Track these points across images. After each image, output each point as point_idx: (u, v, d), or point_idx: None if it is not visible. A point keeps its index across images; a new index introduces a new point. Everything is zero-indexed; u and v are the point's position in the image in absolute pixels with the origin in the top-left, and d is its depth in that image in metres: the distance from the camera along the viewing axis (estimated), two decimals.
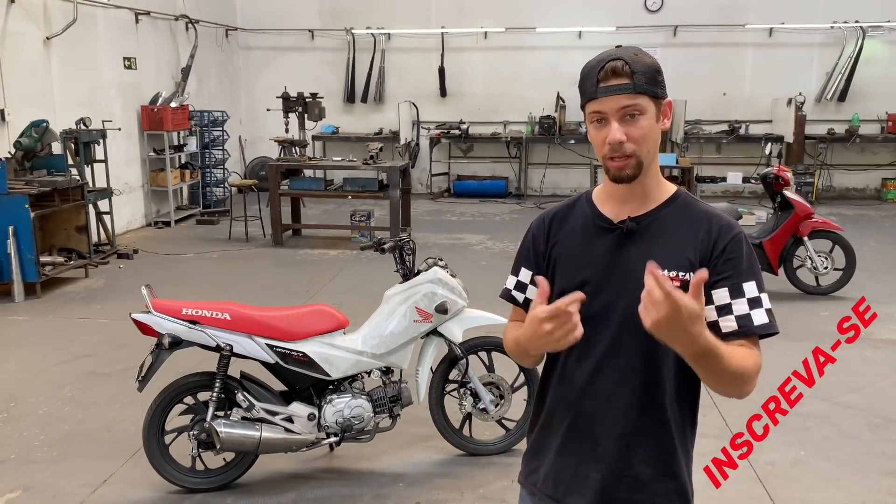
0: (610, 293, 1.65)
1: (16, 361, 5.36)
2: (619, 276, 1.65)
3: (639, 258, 1.59)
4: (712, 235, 1.64)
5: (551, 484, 1.77)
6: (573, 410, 1.72)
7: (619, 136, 1.58)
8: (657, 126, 1.64)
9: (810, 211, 6.78)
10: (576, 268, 1.71)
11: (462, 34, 12.91)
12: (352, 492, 3.63)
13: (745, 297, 1.61)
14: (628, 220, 1.67)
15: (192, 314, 3.48)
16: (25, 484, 3.69)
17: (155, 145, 10.54)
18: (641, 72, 1.58)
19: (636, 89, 1.57)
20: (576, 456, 1.72)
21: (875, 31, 12.11)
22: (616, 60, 1.57)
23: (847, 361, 5.26)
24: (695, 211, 1.69)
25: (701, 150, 12.58)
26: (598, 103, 1.59)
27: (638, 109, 1.58)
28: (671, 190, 1.72)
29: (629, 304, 1.58)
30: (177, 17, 11.25)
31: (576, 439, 1.72)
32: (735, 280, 1.61)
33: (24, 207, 6.70)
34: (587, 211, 1.75)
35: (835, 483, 3.70)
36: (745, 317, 1.60)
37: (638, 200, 1.69)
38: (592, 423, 1.69)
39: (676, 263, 1.62)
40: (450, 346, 3.83)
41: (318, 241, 9.51)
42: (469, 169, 13.49)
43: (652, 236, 1.66)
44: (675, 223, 1.67)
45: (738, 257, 1.62)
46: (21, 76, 7.99)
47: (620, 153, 1.60)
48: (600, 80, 1.58)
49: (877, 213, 11.33)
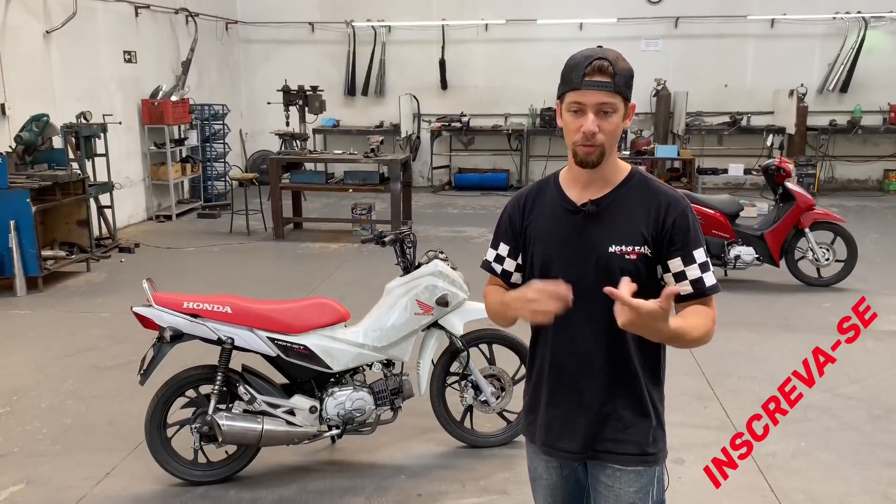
0: (577, 267, 1.90)
1: (18, 355, 5.37)
2: (583, 252, 1.90)
3: (598, 237, 1.89)
4: (661, 211, 1.88)
5: (544, 432, 2.03)
6: (558, 368, 1.98)
7: (593, 127, 1.80)
8: (622, 124, 1.86)
9: (812, 202, 6.77)
10: (547, 245, 1.96)
11: (463, 26, 12.88)
12: (353, 484, 3.64)
13: (696, 263, 1.88)
14: (589, 204, 1.91)
15: (193, 307, 3.48)
16: (28, 477, 3.70)
17: (156, 139, 10.53)
18: (621, 74, 1.80)
19: (615, 89, 1.79)
20: (564, 406, 1.98)
21: (877, 22, 12.06)
22: (602, 60, 1.78)
23: (848, 353, 5.26)
24: (647, 190, 1.92)
25: (702, 142, 12.56)
26: (579, 94, 1.80)
27: (612, 107, 1.81)
28: (626, 171, 1.95)
29: (594, 276, 1.87)
30: (176, 10, 11.23)
31: (563, 392, 1.98)
32: (686, 249, 1.88)
33: (26, 202, 6.70)
34: (555, 194, 1.98)
35: (835, 474, 3.71)
36: (698, 280, 1.88)
37: (599, 184, 1.92)
38: (576, 377, 1.95)
39: (632, 239, 1.87)
40: (451, 339, 3.83)
41: (320, 235, 9.51)
42: (470, 162, 13.47)
43: (610, 217, 1.90)
44: (629, 202, 1.90)
45: (686, 228, 1.87)
46: (21, 70, 7.98)
47: (591, 142, 1.82)
48: (585, 75, 1.79)
49: (878, 205, 11.31)
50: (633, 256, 1.87)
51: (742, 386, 4.73)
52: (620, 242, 1.87)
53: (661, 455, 1.99)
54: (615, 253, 1.87)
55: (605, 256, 1.87)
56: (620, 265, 1.87)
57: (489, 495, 3.54)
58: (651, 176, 1.99)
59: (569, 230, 1.93)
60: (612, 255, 1.87)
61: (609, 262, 1.87)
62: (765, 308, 6.30)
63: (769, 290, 6.83)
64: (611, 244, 1.87)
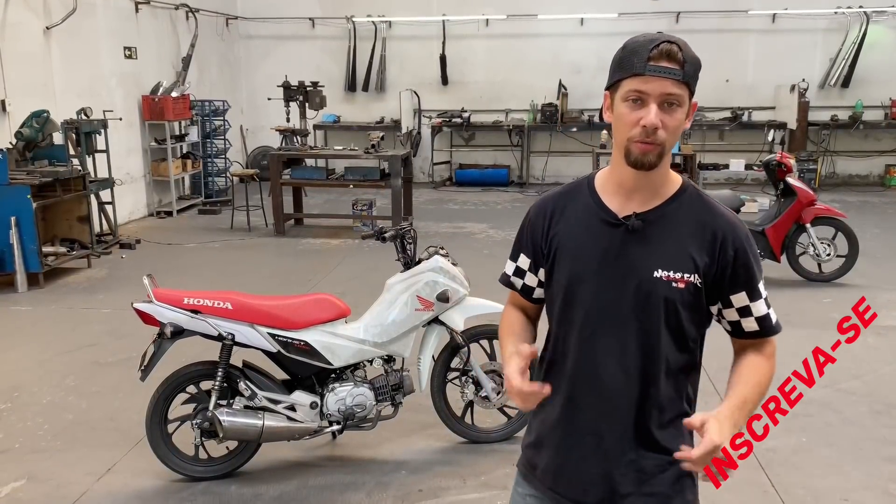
0: (612, 291, 1.63)
1: (19, 351, 5.38)
2: (621, 274, 1.62)
3: (641, 258, 1.61)
4: (718, 238, 1.62)
5: (551, 478, 1.75)
6: (576, 406, 1.70)
7: (656, 120, 1.52)
8: (684, 122, 1.59)
9: (813, 198, 6.76)
10: (576, 261, 1.67)
11: (463, 22, 12.85)
12: (354, 479, 3.65)
13: (762, 298, 1.68)
14: (633, 217, 1.62)
15: (193, 304, 3.48)
16: (30, 473, 3.71)
17: (156, 135, 10.52)
18: (691, 63, 1.54)
19: (685, 77, 1.53)
20: (579, 451, 1.70)
21: (879, 17, 12.03)
22: (672, 44, 1.53)
23: (849, 348, 5.25)
24: (701, 208, 1.65)
25: (703, 138, 12.54)
26: (642, 81, 1.52)
27: (678, 100, 1.54)
28: (678, 183, 1.68)
29: (632, 304, 1.61)
30: (177, 6, 11.21)
31: (579, 435, 1.70)
32: (752, 283, 1.66)
33: (26, 198, 6.70)
34: (590, 201, 1.70)
35: (836, 469, 3.71)
36: (764, 318, 1.68)
37: (645, 194, 1.64)
38: (597, 419, 1.67)
39: (682, 265, 1.60)
40: (451, 335, 3.83)
41: (320, 231, 9.51)
42: (471, 157, 13.46)
43: (656, 235, 1.62)
44: (680, 221, 1.63)
45: (750, 261, 1.64)
46: (21, 66, 7.97)
47: (651, 139, 1.54)
48: (651, 59, 1.51)
49: (880, 200, 11.29)
50: (682, 285, 1.59)
51: None
52: (668, 267, 1.59)
53: None
54: (660, 279, 1.60)
55: (649, 282, 1.60)
56: (666, 294, 1.60)
57: (490, 490, 3.54)
58: (705, 193, 1.72)
59: (605, 246, 1.64)
60: (657, 280, 1.60)
61: (652, 290, 1.60)
62: None
63: (770, 286, 6.68)
64: (656, 268, 1.60)
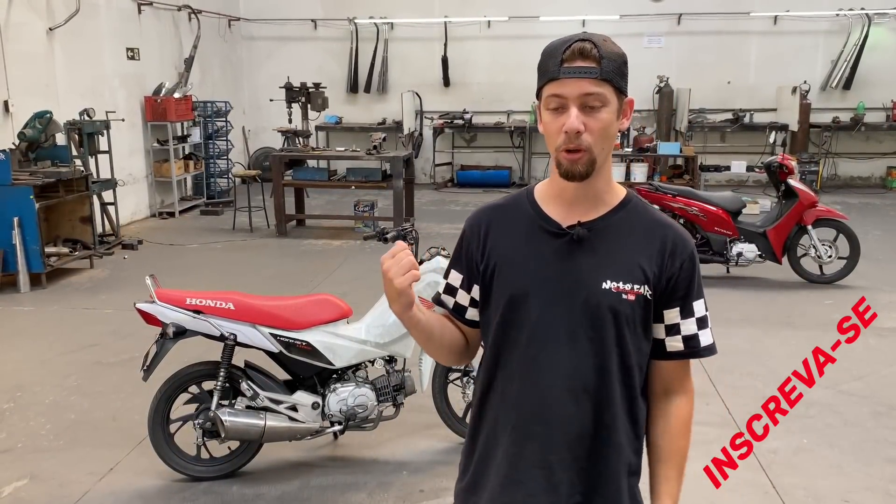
0: (559, 305, 1.51)
1: (22, 351, 5.39)
2: (567, 287, 1.51)
3: (589, 269, 1.51)
4: (667, 248, 1.53)
5: None
6: (520, 436, 1.53)
7: (577, 124, 1.43)
8: (616, 123, 1.49)
9: (814, 199, 6.77)
10: (519, 274, 1.55)
11: (465, 23, 12.86)
12: (356, 480, 3.65)
13: (694, 317, 1.56)
14: (578, 226, 1.52)
15: (196, 304, 3.49)
16: (32, 472, 3.72)
17: (158, 136, 10.54)
18: (609, 59, 1.43)
19: (602, 75, 1.42)
20: (526, 487, 1.54)
21: (881, 19, 12.04)
22: (584, 42, 1.43)
23: (851, 349, 5.25)
24: (648, 218, 1.57)
25: (705, 139, 12.54)
26: (558, 85, 1.45)
27: (601, 100, 1.43)
28: (622, 194, 1.58)
29: (579, 318, 1.50)
30: (179, 7, 11.23)
31: (524, 468, 1.54)
32: (687, 300, 1.55)
33: (29, 198, 6.71)
34: (530, 211, 1.59)
35: (838, 470, 3.71)
36: (692, 338, 1.56)
37: (587, 203, 1.54)
38: (545, 449, 1.52)
39: (631, 276, 1.51)
40: None
41: (322, 232, 9.52)
42: (472, 159, 13.47)
43: (603, 245, 1.52)
44: (626, 231, 1.54)
45: (692, 275, 1.54)
46: (24, 67, 7.99)
47: (576, 144, 1.44)
48: (564, 61, 1.44)
49: (881, 202, 11.29)
50: (632, 297, 1.50)
51: (744, 383, 4.73)
52: (617, 278, 1.49)
53: None
54: (610, 290, 1.49)
55: (598, 294, 1.49)
56: (616, 307, 1.49)
57: None
58: (650, 205, 1.63)
59: (549, 258, 1.53)
60: (606, 292, 1.49)
61: (601, 302, 1.49)
62: (767, 305, 6.30)
63: (771, 288, 6.83)
64: (605, 279, 1.50)
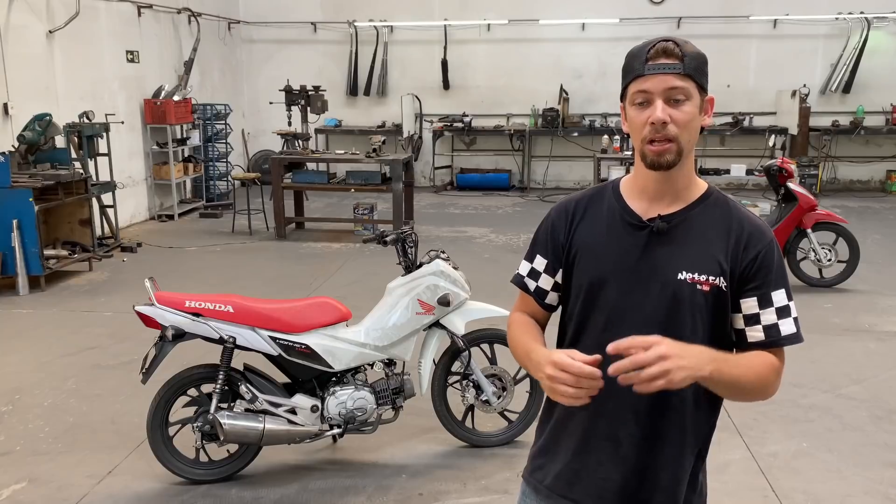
0: (636, 294, 1.61)
1: (20, 354, 5.38)
2: (644, 276, 1.61)
3: (666, 260, 1.59)
4: (742, 241, 1.59)
5: (565, 483, 1.71)
6: (594, 411, 1.62)
7: (663, 115, 1.52)
8: (699, 118, 1.58)
9: (814, 203, 6.77)
10: (599, 263, 1.65)
11: (465, 26, 12.88)
12: (355, 483, 3.65)
13: (773, 307, 1.59)
14: (658, 219, 1.61)
15: (195, 306, 3.49)
16: (31, 475, 3.71)
17: (158, 139, 10.54)
18: (691, 57, 1.54)
19: (686, 70, 1.53)
20: (595, 457, 1.67)
21: (880, 23, 12.05)
22: (667, 42, 1.55)
23: (851, 353, 5.26)
24: (726, 212, 1.64)
25: (705, 143, 12.53)
26: (644, 81, 1.54)
27: (684, 93, 1.53)
28: (703, 188, 1.67)
29: (653, 305, 1.59)
30: (179, 10, 11.24)
31: (595, 441, 1.67)
32: (764, 290, 1.59)
33: (28, 201, 6.70)
34: (614, 204, 1.68)
35: (837, 474, 3.71)
36: (772, 327, 1.60)
37: (669, 198, 1.63)
38: (615, 425, 1.64)
39: (706, 268, 1.58)
40: (452, 339, 3.83)
41: (322, 235, 9.52)
42: (472, 162, 13.47)
43: (681, 237, 1.61)
44: (705, 224, 1.61)
45: (769, 266, 1.59)
46: (24, 70, 8.00)
47: (662, 135, 1.53)
48: (649, 59, 1.54)
49: (881, 206, 11.29)
50: (706, 288, 1.57)
51: None
52: (693, 269, 1.57)
53: None
54: (685, 281, 1.57)
55: (673, 284, 1.58)
56: (690, 297, 1.58)
57: (490, 495, 3.54)
58: (732, 197, 1.70)
59: (629, 248, 1.62)
60: (682, 283, 1.58)
61: (677, 292, 1.58)
62: None
63: None
64: (681, 270, 1.58)
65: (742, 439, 4.03)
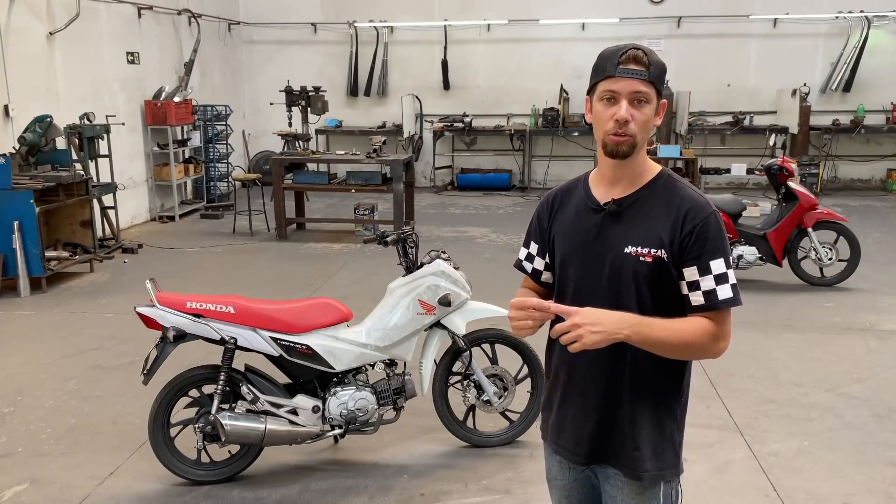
0: (592, 267, 1.88)
1: (22, 355, 5.39)
2: (600, 252, 1.87)
3: (617, 237, 1.86)
4: (681, 216, 1.81)
5: (555, 432, 2.03)
6: (569, 368, 1.95)
7: (626, 114, 1.76)
8: (654, 118, 1.82)
9: (815, 202, 6.77)
10: (567, 243, 1.94)
11: (465, 27, 12.88)
12: (356, 483, 3.65)
13: (711, 274, 1.80)
14: (611, 203, 1.87)
15: (196, 307, 3.49)
16: (32, 476, 3.71)
17: (159, 140, 10.55)
18: (656, 66, 1.78)
19: (650, 77, 1.77)
20: (572, 408, 1.97)
21: (880, 21, 12.04)
22: (637, 50, 1.77)
23: (852, 352, 5.26)
24: (673, 192, 1.86)
25: (705, 142, 12.55)
26: (613, 82, 1.77)
27: (646, 97, 1.78)
28: (655, 171, 1.90)
29: (607, 277, 1.86)
30: (179, 11, 11.25)
31: (572, 393, 1.96)
32: (703, 259, 1.80)
33: (29, 202, 6.71)
34: (581, 192, 1.97)
35: (838, 473, 3.70)
36: (710, 292, 1.80)
37: (625, 183, 1.88)
38: (584, 380, 1.93)
39: (649, 241, 1.82)
40: (453, 339, 3.83)
41: (322, 235, 9.52)
42: (472, 162, 13.47)
43: (631, 216, 1.86)
44: (652, 203, 1.85)
45: (705, 237, 1.79)
46: (25, 71, 8.00)
47: (623, 130, 1.77)
48: (620, 63, 1.76)
49: (882, 204, 11.29)
50: (649, 259, 1.81)
51: (744, 385, 4.73)
52: (637, 244, 1.83)
53: (669, 472, 1.90)
54: (630, 254, 1.83)
55: (620, 257, 1.84)
56: (634, 267, 1.83)
57: (492, 495, 3.54)
58: (681, 178, 1.92)
59: (588, 228, 1.90)
60: (627, 255, 1.83)
61: (623, 264, 1.83)
62: (767, 308, 6.30)
63: (772, 290, 6.82)
64: (627, 245, 1.83)
65: (743, 438, 4.03)
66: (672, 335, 1.76)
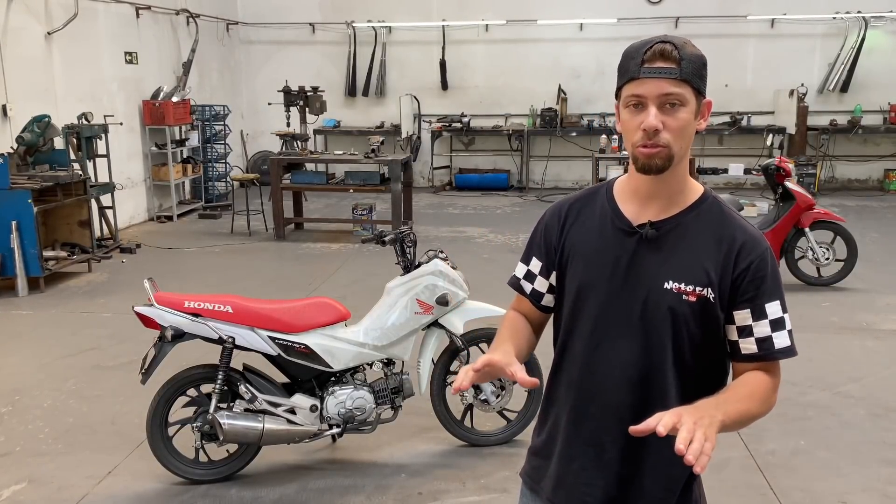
0: (621, 301, 1.58)
1: (20, 355, 5.39)
2: (631, 284, 1.57)
3: (654, 268, 1.55)
4: (734, 250, 1.54)
5: (552, 488, 1.71)
6: (579, 416, 1.64)
7: (655, 122, 1.46)
8: (694, 123, 1.52)
9: (812, 202, 6.78)
10: (588, 268, 1.62)
11: (463, 27, 12.89)
12: (354, 483, 3.66)
13: (767, 319, 1.55)
14: (648, 227, 1.57)
15: (194, 307, 3.50)
16: (30, 476, 3.72)
17: (157, 140, 10.55)
18: (689, 60, 1.47)
19: (682, 76, 1.46)
20: (579, 462, 1.65)
21: (877, 22, 12.07)
22: (665, 43, 1.47)
23: (848, 351, 5.27)
24: (719, 220, 1.58)
25: (703, 142, 12.55)
26: (638, 85, 1.48)
27: (679, 99, 1.47)
28: (698, 192, 1.61)
29: (638, 314, 1.56)
30: (177, 11, 11.25)
31: (580, 445, 1.65)
32: (758, 301, 1.54)
33: (27, 202, 6.71)
34: (606, 207, 1.64)
35: (834, 472, 3.72)
36: (765, 340, 1.55)
37: (662, 201, 1.58)
38: (599, 430, 1.62)
39: (694, 278, 1.53)
40: (451, 338, 3.84)
41: (321, 235, 9.52)
42: (471, 162, 13.48)
43: (670, 245, 1.56)
44: (696, 231, 1.56)
45: (762, 277, 1.54)
46: (23, 71, 8.00)
47: (654, 141, 1.48)
48: (645, 61, 1.47)
49: (879, 204, 11.31)
50: (693, 299, 1.53)
51: None
52: (679, 279, 1.53)
53: None
54: (671, 290, 1.54)
55: (657, 292, 1.54)
56: (674, 306, 1.53)
57: (489, 493, 3.55)
58: (728, 205, 1.63)
59: (618, 254, 1.58)
60: (667, 292, 1.54)
61: (661, 301, 1.54)
62: None
63: None
64: (667, 279, 1.54)
65: (740, 437, 4.04)
66: (752, 402, 1.50)
